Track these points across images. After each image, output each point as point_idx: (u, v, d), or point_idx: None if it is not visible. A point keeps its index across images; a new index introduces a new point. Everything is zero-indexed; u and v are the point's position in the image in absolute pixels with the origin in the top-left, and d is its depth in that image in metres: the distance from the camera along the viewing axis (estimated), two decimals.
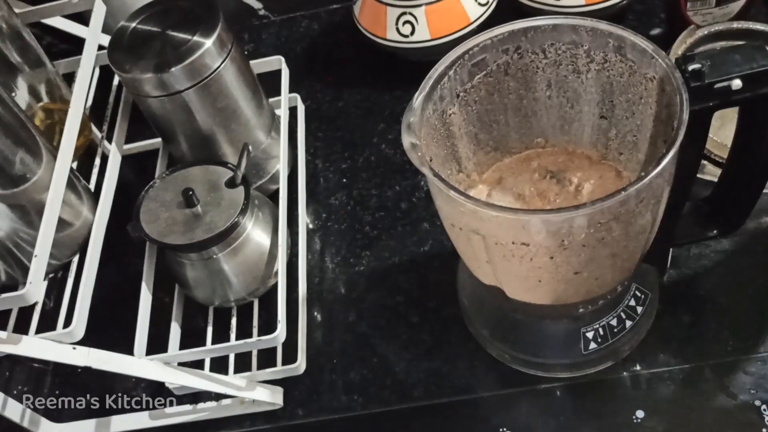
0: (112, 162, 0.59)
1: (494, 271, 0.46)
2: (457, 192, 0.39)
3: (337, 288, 0.66)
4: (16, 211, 0.50)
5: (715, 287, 0.58)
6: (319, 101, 0.81)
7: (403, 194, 0.71)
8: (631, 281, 0.54)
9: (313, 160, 0.76)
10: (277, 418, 0.60)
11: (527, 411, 0.56)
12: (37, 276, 0.43)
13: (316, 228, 0.71)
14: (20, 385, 0.67)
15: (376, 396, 0.59)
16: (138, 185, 0.62)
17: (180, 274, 0.61)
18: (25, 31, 0.61)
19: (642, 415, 0.53)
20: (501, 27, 0.46)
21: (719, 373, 0.54)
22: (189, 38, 0.58)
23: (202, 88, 0.60)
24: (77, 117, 0.51)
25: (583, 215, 0.38)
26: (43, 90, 0.63)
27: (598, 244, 0.40)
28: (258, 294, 0.64)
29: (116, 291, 0.65)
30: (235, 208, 0.58)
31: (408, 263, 0.66)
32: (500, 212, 0.38)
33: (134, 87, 0.60)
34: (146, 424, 0.61)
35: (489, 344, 0.58)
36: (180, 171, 0.61)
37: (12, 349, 0.45)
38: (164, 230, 0.57)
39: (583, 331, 0.54)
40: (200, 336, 0.62)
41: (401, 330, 0.62)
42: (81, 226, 0.56)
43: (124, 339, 0.54)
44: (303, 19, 0.90)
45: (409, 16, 0.72)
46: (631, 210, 0.39)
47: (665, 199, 0.42)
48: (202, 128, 0.63)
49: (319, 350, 0.63)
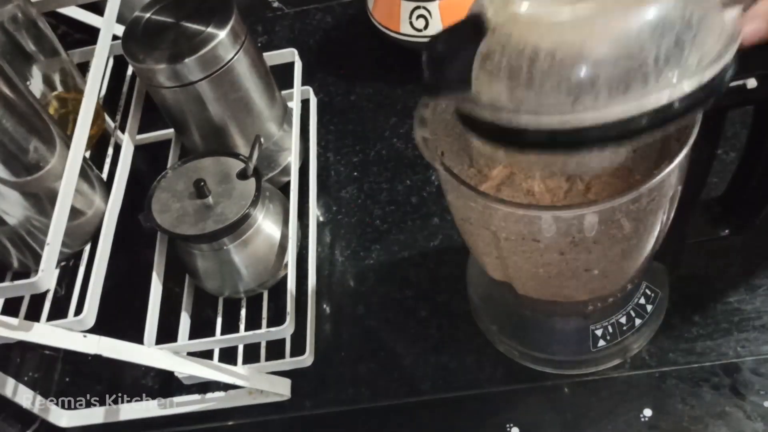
0: (124, 152, 0.59)
1: (504, 267, 0.46)
2: (468, 187, 0.38)
3: (346, 281, 0.66)
4: (29, 199, 0.51)
5: (727, 286, 0.58)
6: (331, 94, 0.81)
7: (413, 188, 0.71)
8: (641, 279, 0.53)
9: (325, 153, 0.76)
10: (285, 409, 0.60)
11: (535, 407, 0.56)
12: (49, 264, 0.43)
13: (327, 221, 0.71)
14: (31, 372, 0.67)
15: (383, 389, 0.59)
16: (150, 175, 0.62)
17: (190, 264, 0.61)
18: (41, 20, 0.62)
19: (649, 414, 0.53)
20: None
21: (729, 373, 0.54)
22: (203, 29, 0.59)
23: (215, 80, 0.60)
24: (91, 106, 0.51)
25: (594, 212, 0.38)
26: (57, 79, 0.63)
27: (608, 241, 0.40)
28: (267, 286, 0.64)
29: (127, 280, 0.66)
30: (246, 199, 0.58)
31: (418, 257, 0.66)
32: (511, 208, 0.38)
33: (148, 77, 0.60)
34: (155, 413, 0.61)
35: (497, 340, 0.58)
36: (192, 162, 0.62)
37: (23, 336, 0.45)
38: (175, 221, 0.57)
39: (592, 329, 0.53)
40: (210, 326, 0.63)
41: (410, 324, 0.62)
42: (93, 215, 0.56)
43: (135, 328, 0.55)
44: (316, 12, 0.90)
45: (422, 11, 0.72)
46: (642, 208, 0.39)
47: (677, 198, 0.42)
48: (215, 119, 0.63)
49: (328, 343, 0.63)
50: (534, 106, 0.33)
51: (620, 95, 0.32)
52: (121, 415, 0.62)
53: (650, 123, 0.33)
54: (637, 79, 0.32)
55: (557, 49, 0.32)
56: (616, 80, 0.32)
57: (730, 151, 0.63)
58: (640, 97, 0.32)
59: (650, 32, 0.31)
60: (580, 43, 0.32)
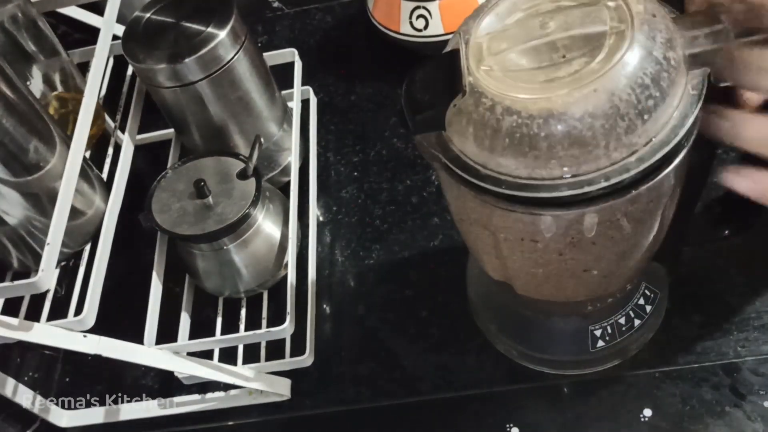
0: (124, 152, 0.59)
1: (503, 267, 0.46)
2: (467, 186, 0.38)
3: (346, 281, 0.66)
4: (29, 199, 0.51)
5: (727, 286, 0.58)
6: (331, 94, 0.81)
7: (413, 188, 0.71)
8: (640, 280, 0.53)
9: (325, 153, 0.76)
10: (285, 409, 0.60)
11: (535, 407, 0.56)
12: (49, 264, 0.43)
13: (327, 221, 0.71)
14: (31, 372, 0.67)
15: (383, 389, 0.59)
16: (150, 175, 0.62)
17: (190, 264, 0.62)
18: (41, 20, 0.62)
19: (649, 414, 0.53)
20: None
21: (729, 373, 0.54)
22: (203, 29, 0.59)
23: (215, 80, 0.60)
24: (91, 106, 0.51)
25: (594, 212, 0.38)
26: (57, 79, 0.63)
27: (607, 241, 0.40)
28: (267, 286, 0.64)
29: (127, 280, 0.66)
30: (246, 199, 0.58)
31: (418, 257, 0.66)
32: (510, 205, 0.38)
33: (148, 77, 0.60)
34: (155, 413, 0.61)
35: (496, 339, 0.58)
36: (192, 162, 0.62)
37: (23, 336, 0.45)
38: (175, 221, 0.58)
39: (591, 329, 0.53)
40: (210, 326, 0.63)
41: (410, 324, 0.62)
42: (93, 215, 0.56)
43: (135, 328, 0.55)
44: (316, 12, 0.90)
45: (422, 11, 0.72)
46: (641, 208, 0.39)
47: (676, 198, 0.42)
48: (215, 119, 0.63)
49: (328, 342, 0.63)
50: (495, 166, 0.36)
51: (577, 166, 0.34)
52: (121, 415, 0.62)
53: (603, 193, 0.35)
54: (595, 152, 0.34)
55: (527, 113, 0.34)
56: (577, 150, 0.34)
57: (730, 151, 0.63)
58: (595, 168, 0.34)
59: (615, 106, 0.33)
60: (548, 112, 0.34)
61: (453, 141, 0.38)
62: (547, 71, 0.35)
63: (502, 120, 0.35)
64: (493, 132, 0.35)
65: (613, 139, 0.34)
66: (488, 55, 0.37)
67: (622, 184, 0.35)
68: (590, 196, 0.35)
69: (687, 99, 0.35)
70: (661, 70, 0.34)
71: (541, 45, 0.36)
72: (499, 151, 0.35)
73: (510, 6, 0.39)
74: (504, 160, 0.35)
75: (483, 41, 0.38)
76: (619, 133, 0.34)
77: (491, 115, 0.35)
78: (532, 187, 0.35)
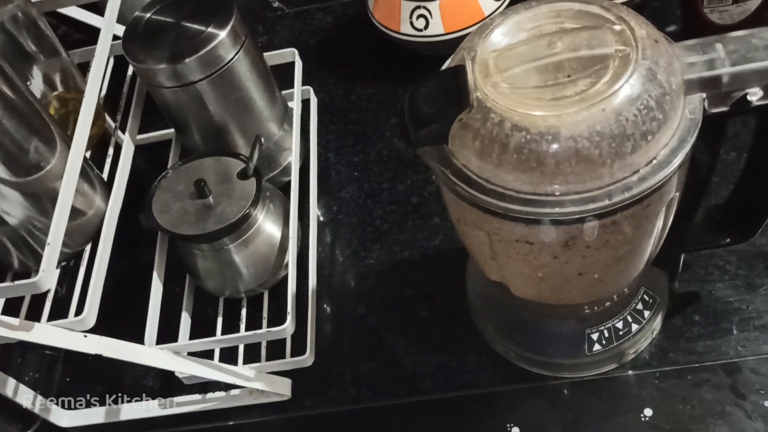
0: (125, 152, 0.59)
1: (499, 268, 0.46)
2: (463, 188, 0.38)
3: (346, 281, 0.66)
4: (29, 199, 0.51)
5: (727, 286, 0.57)
6: (331, 94, 0.81)
7: (414, 188, 0.71)
8: (639, 284, 0.53)
9: (325, 153, 0.76)
10: (285, 409, 0.60)
11: (535, 407, 0.56)
12: (50, 264, 0.43)
13: (327, 221, 0.71)
14: (32, 372, 0.67)
15: (383, 389, 0.60)
16: (151, 175, 0.62)
17: (191, 264, 0.62)
18: (41, 20, 0.62)
19: (650, 413, 0.53)
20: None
21: (729, 372, 0.54)
22: (203, 29, 0.59)
23: (216, 80, 0.60)
24: (91, 106, 0.51)
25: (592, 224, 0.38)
26: (57, 79, 0.63)
27: (602, 246, 0.40)
28: (268, 285, 0.64)
29: (128, 280, 0.66)
30: (246, 199, 0.58)
31: (418, 257, 0.66)
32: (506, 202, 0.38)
33: (148, 77, 0.60)
34: (155, 413, 0.61)
35: (494, 340, 0.58)
36: (192, 162, 0.62)
37: (24, 336, 0.45)
38: (176, 221, 0.58)
39: (588, 333, 0.53)
40: (210, 326, 0.63)
41: (410, 324, 0.62)
42: (94, 215, 0.56)
43: (135, 328, 0.55)
44: (317, 12, 0.90)
45: (423, 10, 0.72)
46: (637, 214, 0.39)
47: (675, 204, 0.42)
48: (215, 119, 0.63)
49: (328, 342, 0.63)
50: (500, 181, 0.36)
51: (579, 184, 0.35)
52: (121, 415, 0.62)
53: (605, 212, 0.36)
54: (600, 171, 0.35)
55: (536, 130, 0.35)
56: (579, 169, 0.35)
57: (730, 151, 0.63)
58: (598, 186, 0.35)
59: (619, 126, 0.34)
60: (557, 130, 0.35)
61: (456, 155, 0.38)
62: (554, 90, 0.36)
63: (511, 135, 0.35)
64: (501, 147, 0.36)
65: (618, 158, 0.35)
66: (495, 71, 0.38)
67: (624, 202, 0.36)
68: (592, 213, 0.36)
69: (685, 122, 0.36)
70: (663, 93, 0.35)
71: (549, 64, 0.37)
72: (505, 167, 0.36)
73: (514, 25, 0.40)
74: (510, 175, 0.36)
75: (489, 58, 0.38)
76: (624, 152, 0.35)
77: (499, 130, 0.35)
78: (536, 202, 0.36)
